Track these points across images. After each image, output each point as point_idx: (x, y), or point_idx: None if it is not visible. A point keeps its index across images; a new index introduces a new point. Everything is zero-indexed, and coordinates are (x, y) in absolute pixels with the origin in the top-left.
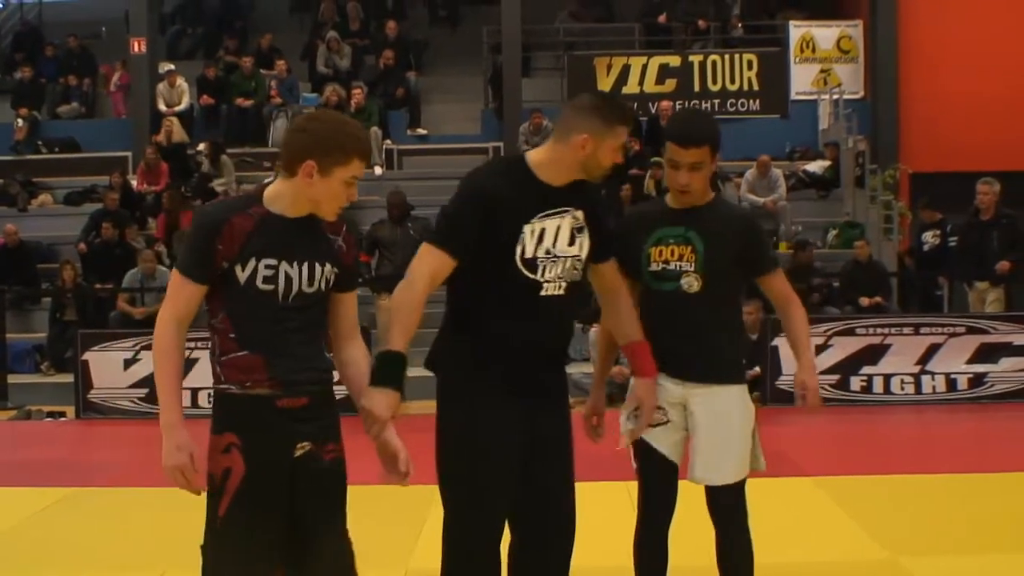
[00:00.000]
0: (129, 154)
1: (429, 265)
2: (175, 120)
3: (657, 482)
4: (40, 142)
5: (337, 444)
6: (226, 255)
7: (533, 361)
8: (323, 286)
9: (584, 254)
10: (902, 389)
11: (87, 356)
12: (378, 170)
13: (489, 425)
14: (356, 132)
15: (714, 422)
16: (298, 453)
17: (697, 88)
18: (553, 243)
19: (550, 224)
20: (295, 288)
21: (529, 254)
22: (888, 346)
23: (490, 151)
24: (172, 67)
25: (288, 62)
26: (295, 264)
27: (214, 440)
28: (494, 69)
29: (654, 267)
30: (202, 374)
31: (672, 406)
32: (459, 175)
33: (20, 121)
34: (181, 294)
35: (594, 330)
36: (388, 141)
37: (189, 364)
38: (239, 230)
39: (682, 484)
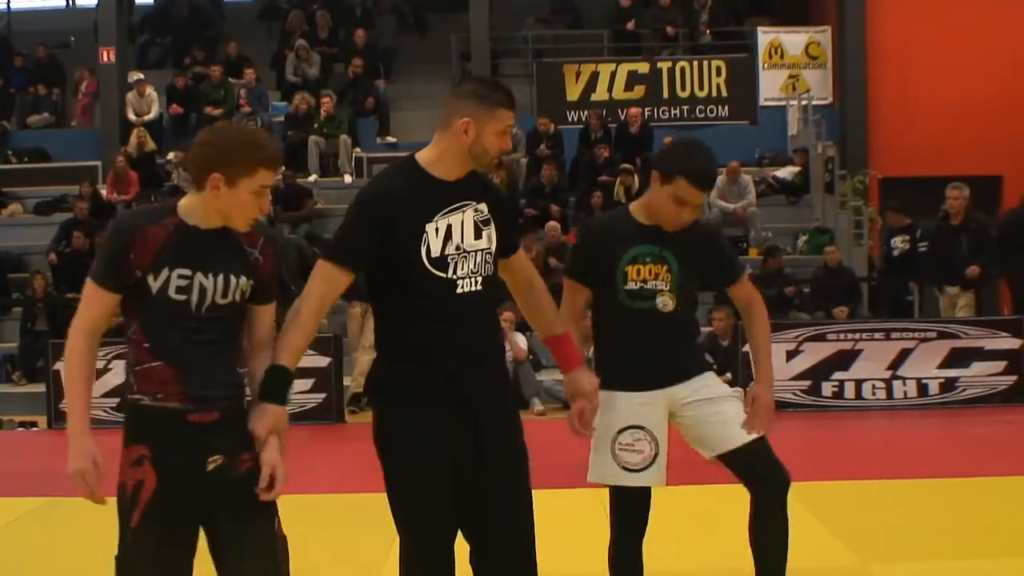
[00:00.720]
0: (99, 163)
1: (324, 283)
2: (144, 130)
3: (632, 503)
4: (9, 152)
5: (252, 453)
6: (139, 264)
7: (462, 366)
8: (237, 297)
9: (493, 247)
10: (873, 395)
11: (58, 366)
12: (348, 178)
13: (417, 443)
14: (261, 142)
15: (710, 398)
16: (210, 467)
17: (666, 95)
18: (461, 238)
19: (454, 220)
20: (208, 299)
21: (436, 252)
22: (859, 351)
23: None
24: (141, 76)
25: (257, 70)
26: (210, 275)
27: (125, 452)
28: (463, 76)
29: (631, 286)
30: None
31: (656, 425)
32: None
33: None
34: (93, 303)
35: None
36: (358, 149)
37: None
38: (153, 240)
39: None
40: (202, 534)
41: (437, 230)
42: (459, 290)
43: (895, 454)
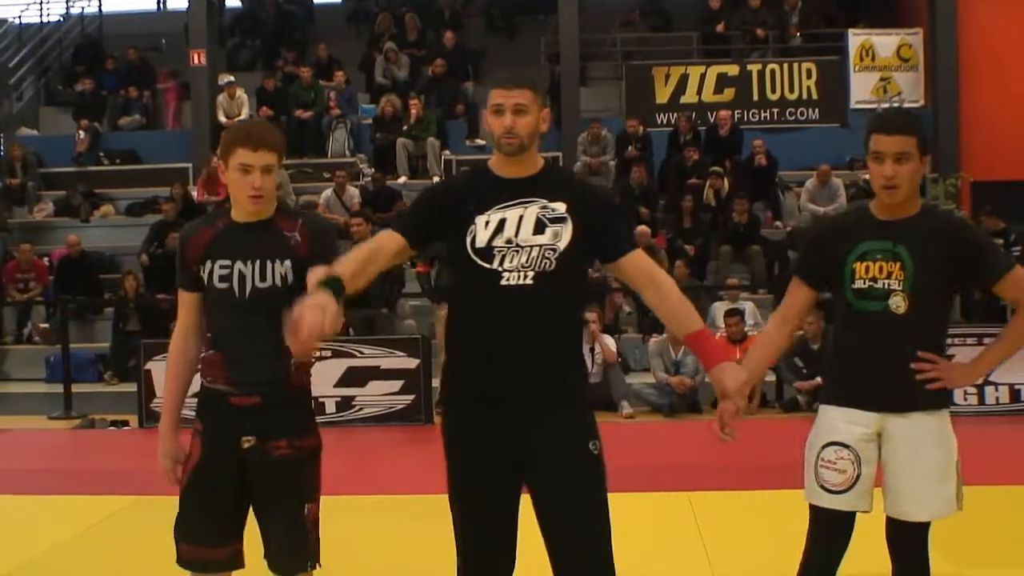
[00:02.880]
0: (189, 165)
1: (388, 239)
2: None
3: (828, 525)
4: (102, 153)
5: (292, 440)
6: (193, 261)
7: (508, 362)
8: (278, 281)
9: (561, 244)
10: (965, 400)
11: (150, 365)
12: (436, 180)
13: (457, 441)
14: (242, 126)
15: (913, 453)
16: (245, 446)
17: (756, 97)
18: (515, 232)
19: (510, 214)
20: (249, 284)
21: (482, 243)
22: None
23: (548, 161)
24: (232, 79)
25: (346, 73)
26: (248, 263)
27: (192, 424)
28: (552, 79)
29: (859, 284)
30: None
31: (864, 441)
32: None
33: (82, 133)
34: (181, 304)
35: (654, 340)
36: (447, 152)
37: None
38: (201, 239)
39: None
40: None
41: (488, 223)
42: (503, 282)
43: (989, 459)
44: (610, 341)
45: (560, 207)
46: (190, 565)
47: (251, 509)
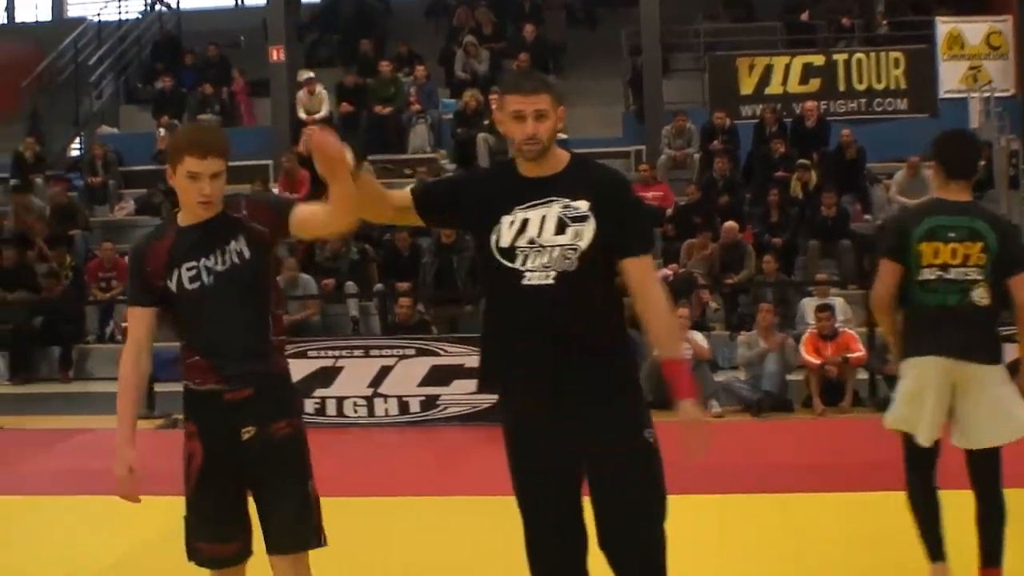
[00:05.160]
0: (270, 162)
1: (399, 193)
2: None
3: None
4: None
5: (291, 420)
6: (156, 276)
7: (535, 359)
8: (235, 259)
9: (583, 243)
10: None
11: None
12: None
13: (514, 440)
14: (189, 132)
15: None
16: (245, 437)
17: (842, 88)
18: (538, 232)
19: (533, 214)
20: (212, 272)
21: (506, 243)
22: None
23: (632, 154)
24: (311, 75)
25: (427, 67)
26: (211, 255)
27: (184, 429)
28: (634, 71)
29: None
30: (348, 382)
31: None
32: None
33: (161, 131)
34: (133, 320)
35: (742, 337)
36: None
37: (334, 373)
38: (160, 251)
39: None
40: None
41: (512, 223)
42: (525, 281)
43: None
44: (699, 337)
45: (582, 205)
46: (210, 563)
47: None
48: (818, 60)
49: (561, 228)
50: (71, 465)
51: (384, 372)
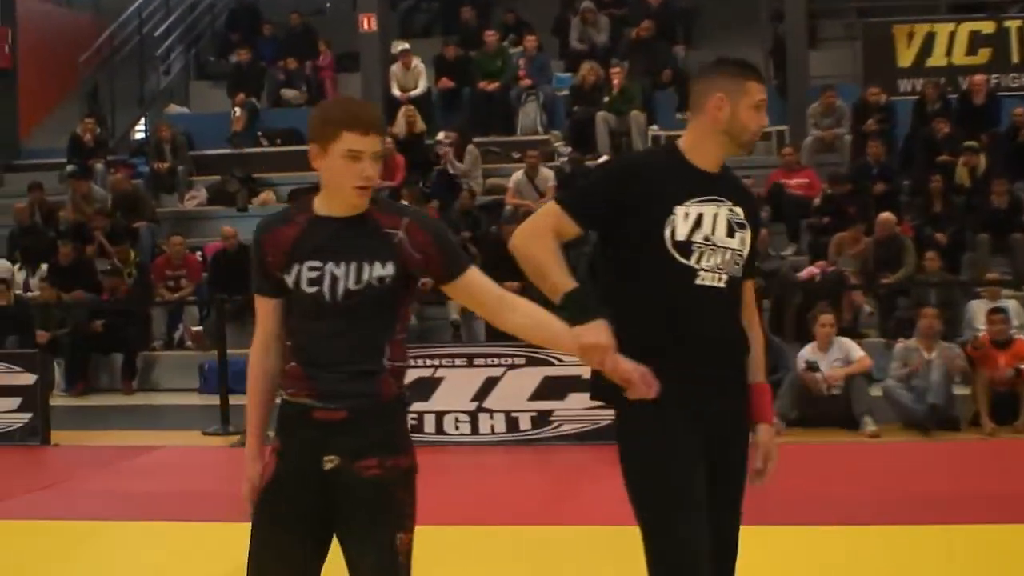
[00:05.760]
0: None
1: (555, 220)
2: (413, 107)
3: None
4: (260, 133)
5: (384, 460)
6: (275, 265)
7: (697, 366)
8: (375, 283)
9: (746, 251)
10: None
11: None
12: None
13: (671, 454)
14: (346, 105)
15: None
16: (327, 466)
17: (1016, 59)
18: (712, 230)
19: (707, 210)
20: (342, 287)
21: (682, 236)
22: None
23: (773, 136)
24: (406, 46)
25: (538, 37)
26: (342, 264)
27: (272, 442)
28: (775, 40)
29: None
30: (449, 396)
31: None
32: (736, 164)
33: (237, 110)
34: (260, 312)
35: (899, 345)
36: (654, 127)
37: (432, 384)
38: (283, 240)
39: None
40: None
41: (687, 215)
42: (698, 280)
43: None
44: (853, 346)
45: (740, 212)
46: None
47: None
48: (987, 27)
49: (731, 231)
50: (135, 487)
51: (490, 384)
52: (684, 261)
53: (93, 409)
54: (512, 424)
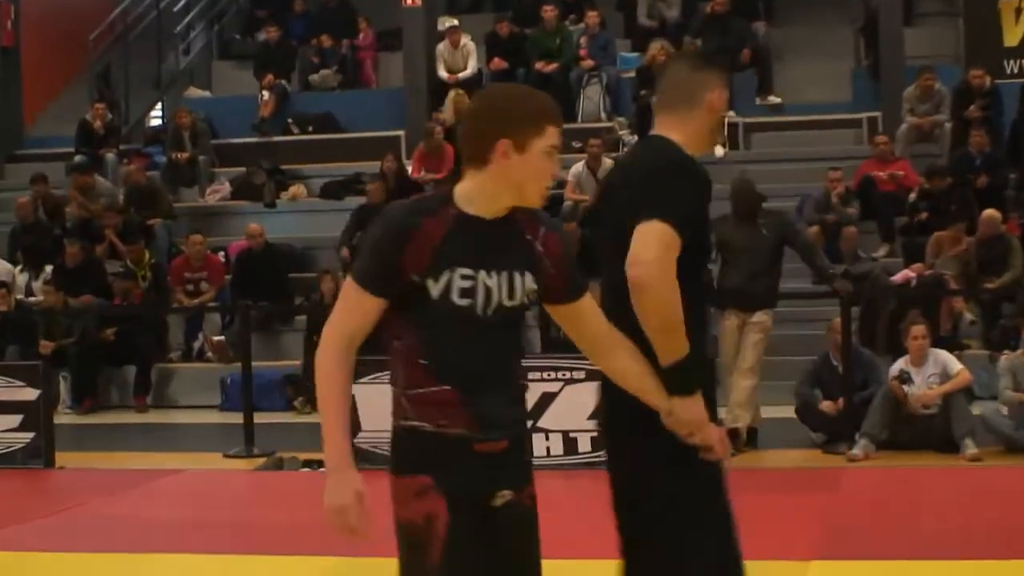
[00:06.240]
0: (402, 133)
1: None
2: (463, 91)
3: None
4: (290, 120)
5: (532, 487)
6: (415, 266)
7: None
8: (525, 299)
9: None
10: None
11: (354, 389)
12: (719, 150)
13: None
14: (542, 96)
15: None
16: (499, 502)
17: None
18: None
19: None
20: (495, 302)
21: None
22: None
23: (864, 123)
24: (455, 22)
25: (601, 13)
26: (493, 274)
27: (402, 482)
28: (867, 16)
29: None
30: None
31: None
32: (823, 155)
33: (265, 94)
34: (357, 308)
35: (1004, 359)
36: (731, 113)
37: None
38: (431, 236)
39: None
40: None
41: None
42: None
43: None
44: (952, 360)
45: None
46: None
47: None
48: None
49: None
50: (149, 516)
51: (546, 400)
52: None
53: (102, 428)
54: (570, 446)
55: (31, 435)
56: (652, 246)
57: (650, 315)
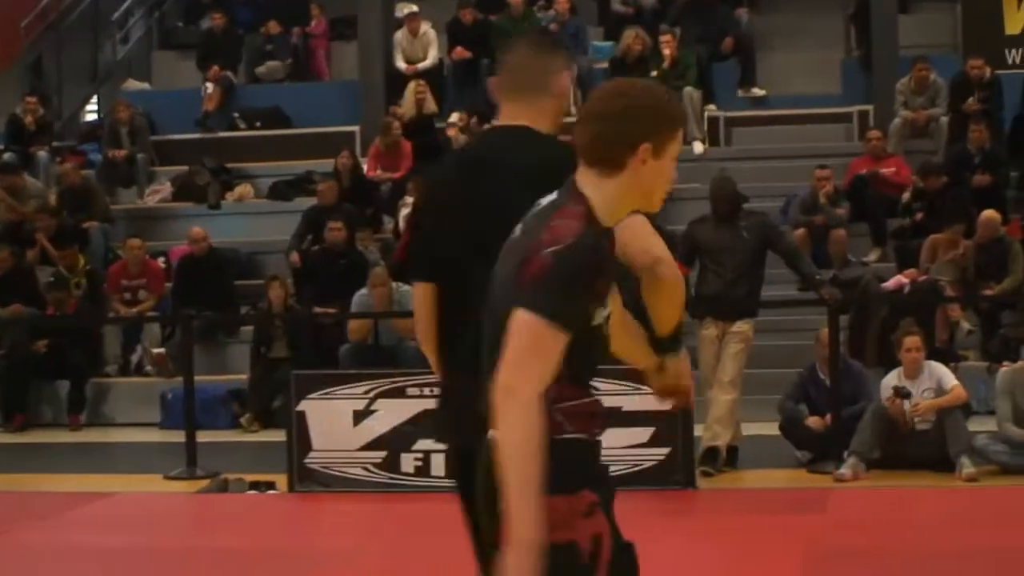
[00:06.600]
0: (356, 129)
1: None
2: (424, 83)
3: None
4: (236, 114)
5: None
6: (601, 297)
7: None
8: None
9: None
10: None
11: (304, 406)
12: (698, 147)
13: None
14: (673, 95)
15: None
16: None
17: None
18: None
19: None
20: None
21: None
22: None
23: (854, 116)
24: (415, 9)
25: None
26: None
27: (567, 501)
28: (858, 3)
29: None
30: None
31: None
32: (811, 151)
33: (209, 86)
34: (553, 352)
35: (1004, 371)
36: (712, 107)
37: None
38: (611, 262)
39: None
40: None
41: None
42: None
43: None
44: (947, 374)
45: None
46: None
47: None
48: None
49: None
50: (84, 543)
51: None
52: None
53: (33, 447)
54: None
55: None
56: (655, 236)
57: (673, 292)
